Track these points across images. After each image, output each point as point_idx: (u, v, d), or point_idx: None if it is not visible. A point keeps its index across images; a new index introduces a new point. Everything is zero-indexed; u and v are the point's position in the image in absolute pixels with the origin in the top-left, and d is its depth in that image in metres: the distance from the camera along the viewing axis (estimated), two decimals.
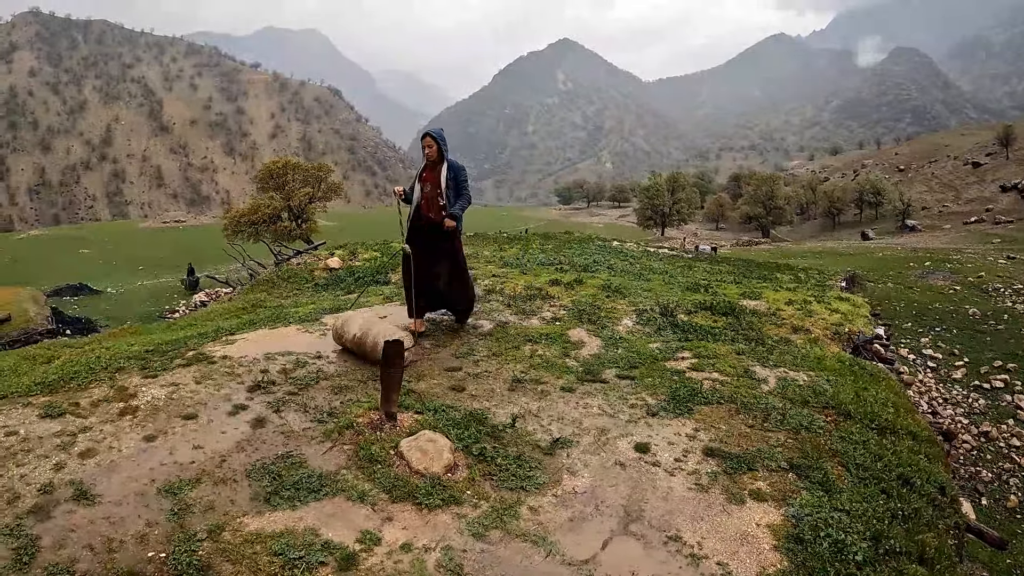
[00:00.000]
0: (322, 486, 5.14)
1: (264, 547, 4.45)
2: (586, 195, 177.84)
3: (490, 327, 9.44)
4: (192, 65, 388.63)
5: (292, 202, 40.25)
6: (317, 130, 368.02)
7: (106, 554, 4.43)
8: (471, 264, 14.26)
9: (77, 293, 40.87)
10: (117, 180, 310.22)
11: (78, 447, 5.70)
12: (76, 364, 8.07)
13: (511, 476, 5.35)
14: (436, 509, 4.90)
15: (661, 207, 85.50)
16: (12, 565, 4.30)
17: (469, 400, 6.71)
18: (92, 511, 4.85)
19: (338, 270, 15.10)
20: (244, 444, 5.79)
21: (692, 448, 5.89)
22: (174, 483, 5.18)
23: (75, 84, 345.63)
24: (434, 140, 8.74)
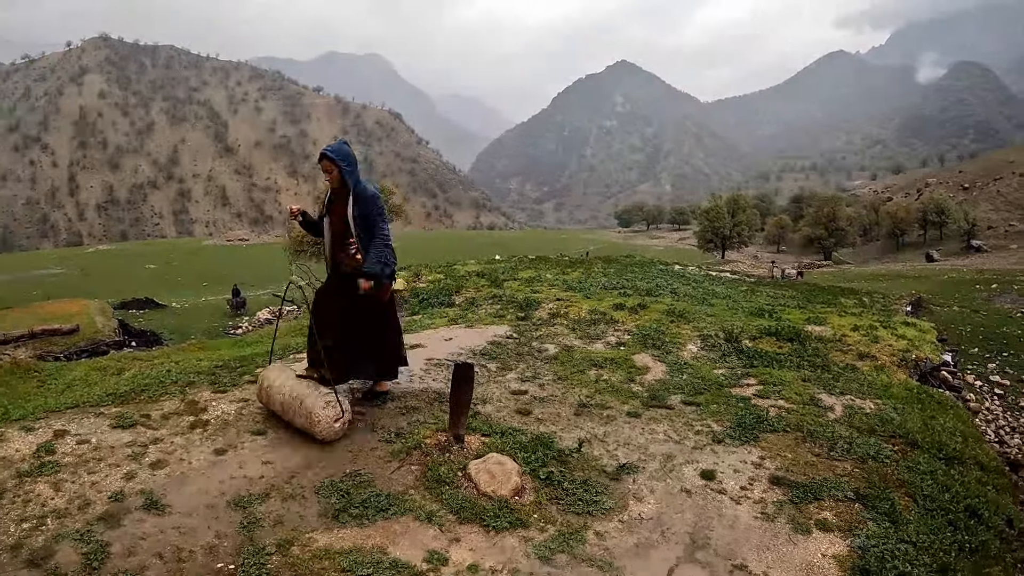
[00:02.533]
0: (390, 505, 5.18)
1: (332, 563, 4.50)
2: (646, 218, 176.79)
3: (555, 351, 9.46)
4: (256, 89, 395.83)
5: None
6: (378, 152, 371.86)
7: (175, 563, 4.52)
8: (535, 288, 14.32)
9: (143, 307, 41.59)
10: (183, 199, 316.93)
11: (149, 458, 5.86)
12: (147, 377, 8.32)
13: (577, 501, 5.33)
14: (503, 531, 4.90)
15: (721, 229, 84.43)
16: (81, 569, 4.39)
17: (536, 424, 6.72)
18: (162, 521, 4.96)
19: (402, 291, 15.22)
20: (313, 461, 5.87)
21: (758, 476, 5.85)
22: (244, 497, 5.28)
23: (143, 106, 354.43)
24: (333, 163, 6.68)
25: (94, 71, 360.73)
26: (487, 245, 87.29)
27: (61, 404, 7.36)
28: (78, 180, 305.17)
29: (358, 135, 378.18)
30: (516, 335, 10.43)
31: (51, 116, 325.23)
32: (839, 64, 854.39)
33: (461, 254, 40.51)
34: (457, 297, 14.18)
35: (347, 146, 6.97)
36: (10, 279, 71.85)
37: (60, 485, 5.38)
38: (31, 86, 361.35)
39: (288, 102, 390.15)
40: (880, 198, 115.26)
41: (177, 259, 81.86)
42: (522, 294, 13.62)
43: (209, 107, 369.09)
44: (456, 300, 14.02)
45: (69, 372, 9.83)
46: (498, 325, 11.22)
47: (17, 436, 6.26)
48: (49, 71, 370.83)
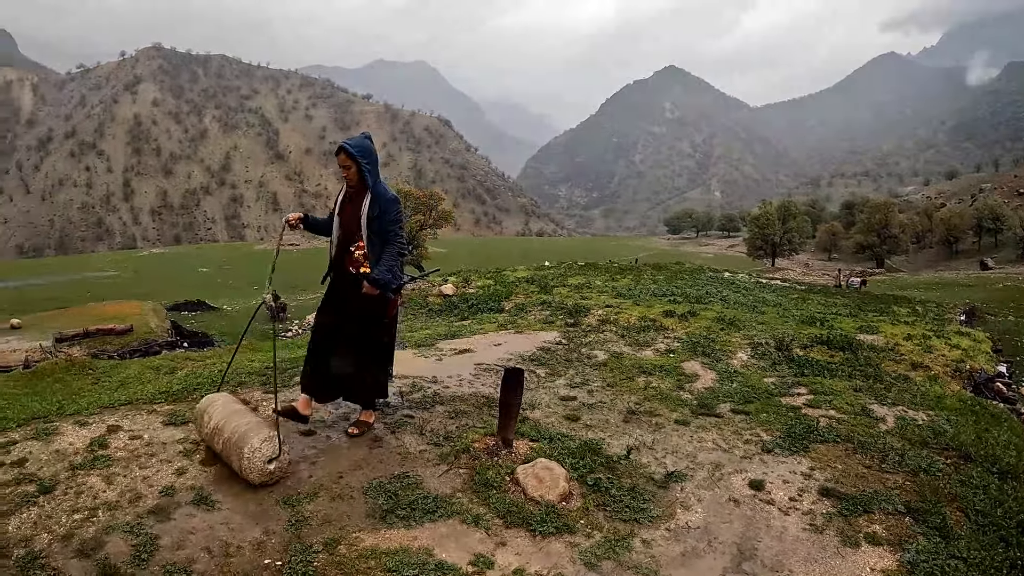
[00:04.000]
0: (437, 507, 5.20)
1: (379, 563, 4.53)
2: (695, 224, 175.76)
3: (604, 358, 9.46)
4: (307, 97, 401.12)
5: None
6: (427, 159, 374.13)
7: (223, 558, 4.59)
8: (585, 294, 14.31)
9: (195, 309, 42.34)
10: (235, 204, 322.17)
11: (200, 455, 5.95)
12: (199, 376, 8.51)
13: (625, 508, 5.30)
14: (549, 537, 4.89)
15: (772, 237, 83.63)
16: (131, 561, 4.48)
17: (584, 430, 6.70)
18: (211, 516, 5.04)
19: (452, 296, 15.32)
20: (361, 462, 5.92)
21: (807, 487, 5.78)
22: (292, 495, 5.34)
23: (196, 114, 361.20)
24: (351, 158, 6.14)
25: (148, 80, 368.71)
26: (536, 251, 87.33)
27: (115, 401, 7.53)
28: (133, 185, 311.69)
29: (407, 142, 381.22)
30: (565, 341, 10.44)
31: (106, 124, 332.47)
32: (889, 66, 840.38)
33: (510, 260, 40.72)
34: (507, 303, 14.25)
35: (369, 141, 6.41)
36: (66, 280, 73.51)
37: (112, 479, 5.51)
38: (86, 95, 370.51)
39: (338, 109, 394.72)
40: (933, 204, 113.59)
41: (229, 263, 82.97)
42: (571, 300, 13.66)
43: (260, 115, 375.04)
44: (506, 306, 14.09)
45: (123, 370, 10.01)
46: (547, 331, 11.25)
47: (71, 430, 6.43)
48: (104, 80, 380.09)
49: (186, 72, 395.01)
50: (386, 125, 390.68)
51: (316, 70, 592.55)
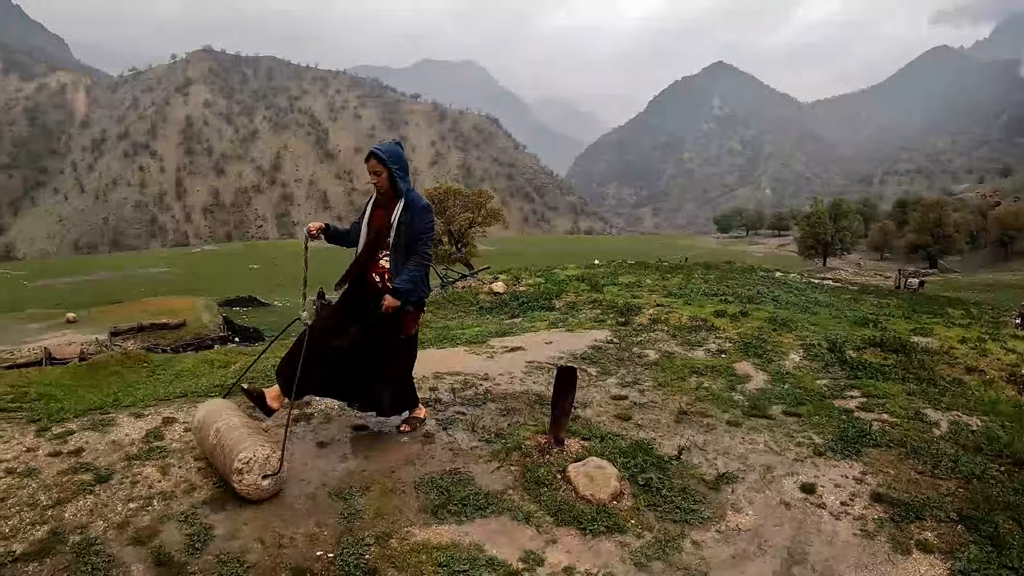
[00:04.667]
0: (488, 504, 5.22)
1: (429, 557, 4.56)
2: (745, 223, 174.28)
3: (656, 357, 9.43)
4: (356, 97, 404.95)
5: (452, 227, 41.03)
6: (476, 157, 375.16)
7: (276, 548, 4.65)
8: (635, 293, 14.27)
9: (247, 305, 43.08)
10: (285, 203, 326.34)
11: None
12: (253, 370, 8.59)
13: (675, 508, 5.26)
14: (600, 536, 4.88)
15: (823, 236, 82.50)
16: (185, 549, 4.56)
17: (635, 429, 6.68)
18: (265, 507, 5.12)
19: (503, 294, 15.34)
20: (413, 457, 5.97)
21: (859, 492, 5.69)
22: (345, 489, 5.40)
23: (246, 115, 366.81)
24: (382, 164, 5.90)
25: (198, 82, 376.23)
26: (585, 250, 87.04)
27: (170, 393, 7.74)
28: (185, 184, 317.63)
29: (456, 140, 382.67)
30: (616, 340, 10.41)
31: (158, 124, 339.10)
32: (940, 60, 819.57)
33: (559, 258, 40.65)
34: (557, 301, 14.25)
35: (400, 147, 6.16)
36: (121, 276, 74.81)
37: (167, 469, 5.64)
38: (139, 97, 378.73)
39: (386, 109, 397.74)
40: (988, 202, 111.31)
41: (279, 260, 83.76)
42: (622, 299, 13.62)
43: (310, 115, 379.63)
44: (556, 304, 14.10)
45: (178, 364, 10.25)
46: (598, 330, 11.23)
47: (127, 422, 6.60)
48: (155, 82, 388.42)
49: (236, 74, 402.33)
50: (434, 124, 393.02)
51: (364, 70, 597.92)
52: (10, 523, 4.84)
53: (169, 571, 4.39)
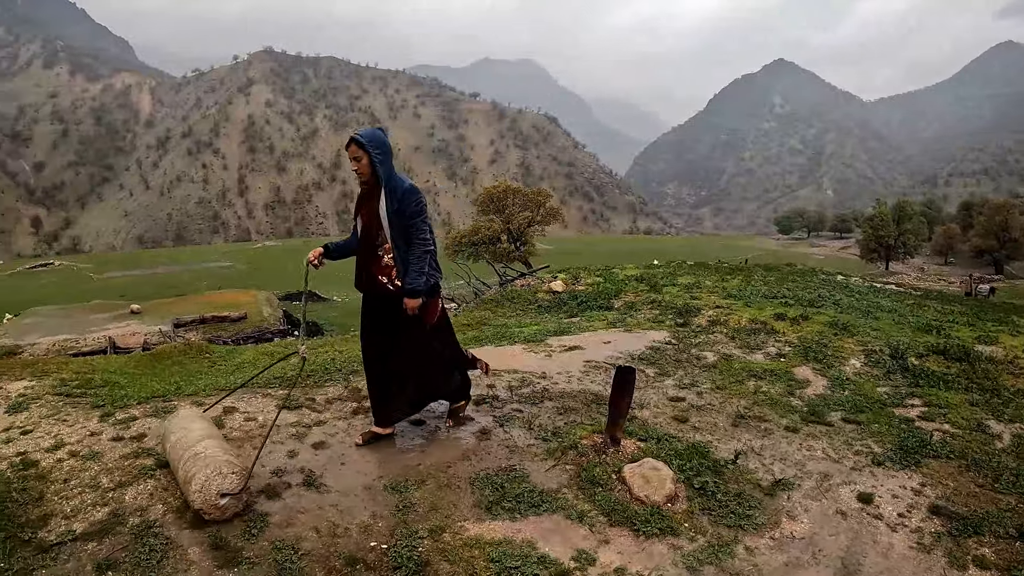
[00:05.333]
0: (542, 502, 5.24)
1: (482, 552, 4.59)
2: (806, 224, 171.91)
3: (714, 359, 9.36)
4: (415, 96, 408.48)
5: (511, 225, 41.08)
6: (535, 156, 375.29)
7: (330, 538, 4.73)
8: (694, 294, 14.13)
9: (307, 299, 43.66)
10: (346, 199, 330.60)
11: (311, 438, 6.18)
12: (311, 364, 8.77)
13: (730, 513, 5.21)
14: (652, 538, 4.86)
15: (886, 239, 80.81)
16: (241, 535, 4.68)
17: (692, 432, 6.64)
18: (320, 498, 5.21)
19: (561, 293, 15.31)
20: (469, 453, 6.02)
21: (917, 504, 5.56)
22: (401, 482, 5.46)
23: (307, 114, 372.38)
24: (362, 148, 5.54)
25: (260, 82, 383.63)
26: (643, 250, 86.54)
27: (230, 383, 7.90)
28: (247, 181, 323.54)
29: (515, 139, 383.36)
30: (675, 341, 10.35)
31: (221, 123, 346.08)
32: (1008, 56, 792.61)
33: (617, 258, 40.57)
34: (616, 301, 14.20)
35: (382, 132, 5.81)
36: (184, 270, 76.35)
37: None
38: (202, 97, 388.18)
39: (446, 108, 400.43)
40: None
41: None
42: (681, 300, 13.54)
43: (370, 113, 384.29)
44: (615, 304, 14.04)
45: (238, 355, 10.45)
46: (657, 330, 11.17)
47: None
48: (218, 83, 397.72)
49: (297, 74, 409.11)
50: (493, 123, 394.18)
51: (423, 70, 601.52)
52: (72, 503, 5.02)
53: (225, 555, 4.50)
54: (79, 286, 63.71)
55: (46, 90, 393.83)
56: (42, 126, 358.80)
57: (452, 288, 38.50)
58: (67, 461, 5.63)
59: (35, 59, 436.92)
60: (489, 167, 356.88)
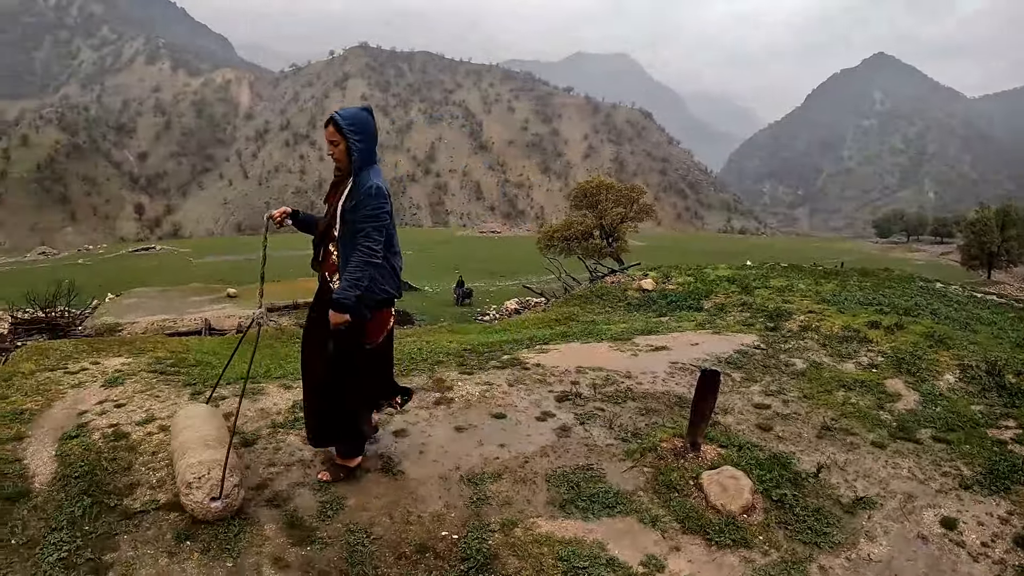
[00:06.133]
0: (617, 503, 5.24)
1: (551, 550, 4.63)
2: (906, 228, 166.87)
3: (803, 367, 9.16)
4: (508, 90, 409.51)
5: (604, 221, 40.75)
6: (629, 151, 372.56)
7: (403, 524, 4.87)
8: (787, 298, 13.79)
9: None
10: (439, 192, 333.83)
11: (392, 426, 6.34)
12: (399, 353, 8.85)
13: (807, 529, 5.11)
14: (725, 548, 4.81)
15: (989, 246, 77.66)
16: (316, 515, 4.88)
17: (775, 441, 6.53)
18: (397, 484, 5.36)
19: (651, 291, 15.19)
20: (547, 450, 6.07)
21: (1002, 533, 5.34)
22: (477, 474, 5.57)
23: (402, 107, 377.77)
24: (339, 132, 4.91)
25: (356, 76, 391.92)
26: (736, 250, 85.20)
27: None
28: None
29: (608, 134, 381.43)
30: (764, 346, 10.17)
31: (318, 117, 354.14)
32: None
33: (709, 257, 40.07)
34: (706, 302, 14.03)
35: (367, 114, 5.10)
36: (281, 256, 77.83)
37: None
38: (299, 91, 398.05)
39: (539, 102, 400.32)
40: None
41: (432, 247, 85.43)
42: (772, 303, 13.28)
43: (464, 107, 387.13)
44: (705, 304, 13.88)
45: None
46: (746, 334, 10.99)
47: (276, 392, 7.06)
48: (315, 77, 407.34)
49: (391, 68, 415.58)
50: (587, 118, 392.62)
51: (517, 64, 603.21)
52: (158, 475, 5.30)
53: (300, 533, 4.69)
54: (178, 270, 65.57)
55: (149, 85, 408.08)
56: (145, 119, 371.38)
57: (543, 283, 38.55)
58: (156, 435, 5.94)
59: (138, 56, 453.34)
60: (583, 162, 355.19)
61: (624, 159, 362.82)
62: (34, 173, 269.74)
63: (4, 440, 5.90)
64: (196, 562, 4.45)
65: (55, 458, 5.61)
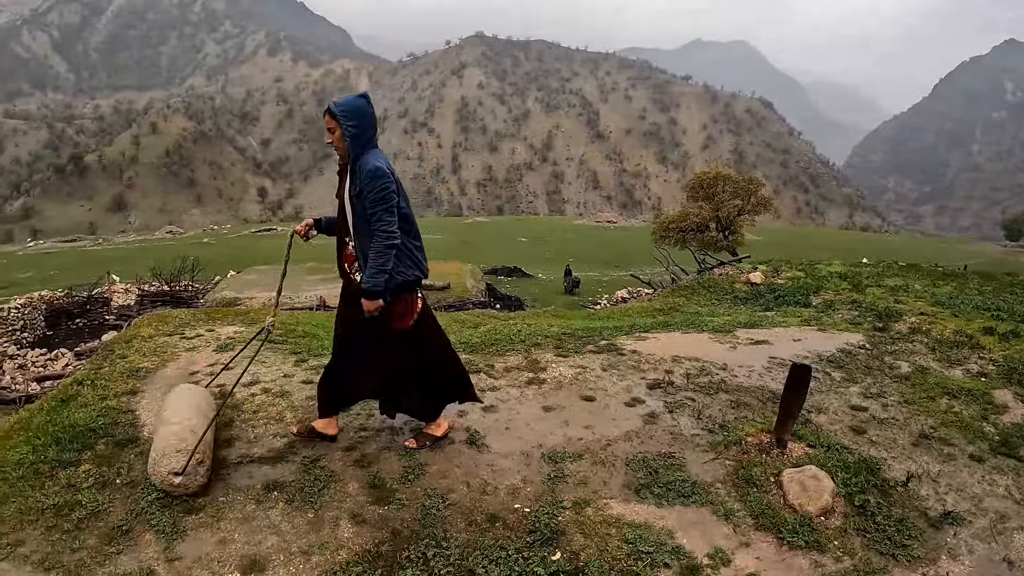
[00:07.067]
0: (693, 493, 5.26)
1: (618, 532, 4.71)
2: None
3: (908, 370, 8.82)
4: (625, 78, 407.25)
5: (721, 213, 40.18)
6: (748, 142, 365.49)
7: (479, 494, 5.10)
8: (899, 298, 13.24)
9: (511, 274, 44.64)
10: (556, 180, 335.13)
11: (482, 402, 6.47)
12: (498, 333, 9.28)
13: (886, 539, 4.90)
14: (796, 549, 4.72)
15: None
16: (399, 478, 5.19)
17: (867, 446, 6.32)
18: (478, 456, 5.60)
19: (759, 285, 14.97)
20: (632, 434, 6.15)
21: None
22: (558, 453, 5.72)
23: (519, 96, 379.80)
24: (335, 120, 4.97)
25: (472, 65, 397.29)
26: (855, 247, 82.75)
27: None
28: (460, 160, 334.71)
29: (727, 124, 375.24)
30: (869, 346, 9.85)
31: (435, 105, 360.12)
32: None
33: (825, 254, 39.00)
34: (814, 298, 13.70)
35: (363, 100, 5.14)
36: None
37: None
38: (417, 80, 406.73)
39: (656, 91, 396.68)
40: None
41: (547, 235, 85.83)
42: (883, 303, 12.82)
43: (581, 96, 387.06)
44: (813, 301, 13.56)
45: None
46: (852, 332, 10.68)
47: None
48: (432, 67, 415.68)
49: (508, 57, 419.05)
50: (706, 107, 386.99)
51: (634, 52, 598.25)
52: (255, 431, 5.87)
53: (380, 493, 5.02)
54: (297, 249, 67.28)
55: (271, 75, 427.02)
56: (268, 107, 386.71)
57: (653, 274, 38.34)
58: (259, 396, 6.54)
59: (260, 48, 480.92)
60: (701, 152, 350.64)
61: (743, 150, 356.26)
62: (163, 158, 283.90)
63: (120, 393, 6.65)
64: (280, 511, 4.92)
65: None
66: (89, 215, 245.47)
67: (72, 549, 4.51)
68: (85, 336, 24.57)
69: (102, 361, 7.81)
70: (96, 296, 28.79)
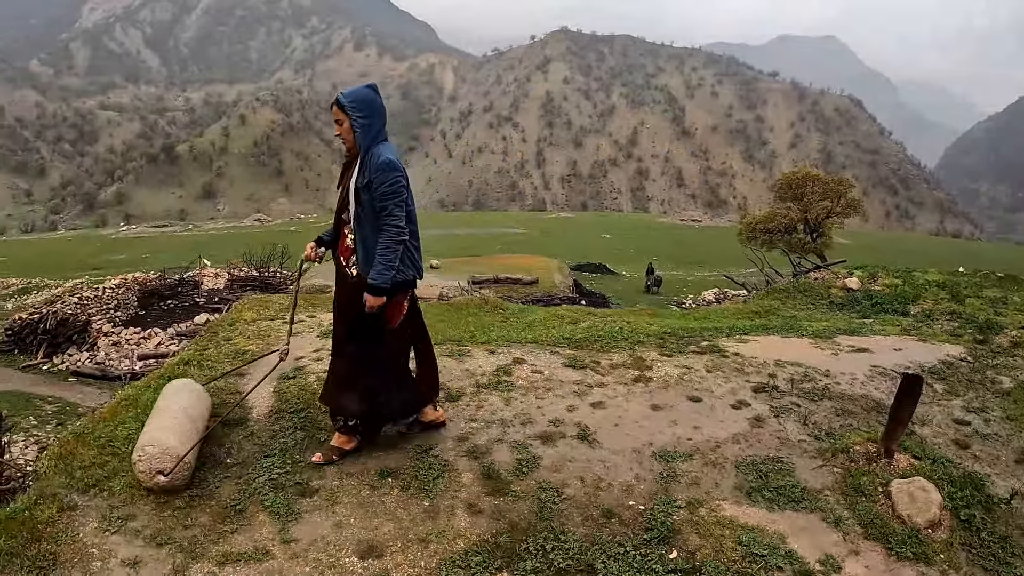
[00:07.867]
0: (802, 498, 5.27)
1: (732, 533, 4.77)
2: None
3: (1010, 386, 8.62)
4: (712, 74, 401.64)
5: (809, 215, 39.54)
6: (837, 142, 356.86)
7: (593, 489, 5.20)
8: (1000, 310, 12.92)
9: (596, 271, 44.95)
10: (640, 177, 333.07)
11: (591, 397, 6.71)
12: (600, 330, 9.33)
13: (990, 555, 4.88)
14: (904, 560, 4.72)
15: None
16: (512, 471, 5.32)
17: (971, 460, 6.26)
18: (590, 452, 5.70)
19: (856, 291, 14.77)
20: (739, 437, 6.17)
21: None
22: (669, 452, 5.78)
23: (604, 91, 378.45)
24: (342, 111, 4.95)
25: (557, 60, 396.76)
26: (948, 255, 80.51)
27: (521, 338, 8.63)
28: (544, 154, 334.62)
29: (815, 122, 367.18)
30: (971, 359, 9.61)
31: (520, 99, 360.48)
32: None
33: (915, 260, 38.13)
34: (912, 307, 13.46)
35: (372, 91, 5.08)
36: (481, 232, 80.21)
37: (510, 401, 6.53)
38: (501, 74, 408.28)
39: (743, 87, 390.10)
40: None
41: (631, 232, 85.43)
42: (984, 315, 12.48)
43: (666, 92, 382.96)
44: (911, 310, 13.34)
45: (530, 314, 11.09)
46: (952, 344, 10.42)
47: (481, 355, 7.65)
48: (517, 61, 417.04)
49: (592, 52, 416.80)
50: (793, 104, 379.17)
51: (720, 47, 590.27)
52: None
53: (494, 484, 5.17)
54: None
55: (357, 70, 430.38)
56: None
57: (744, 275, 37.99)
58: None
59: (346, 43, 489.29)
60: (788, 151, 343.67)
61: (832, 150, 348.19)
62: (251, 149, 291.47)
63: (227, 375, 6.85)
64: (395, 497, 5.05)
65: (273, 394, 6.54)
66: (180, 202, 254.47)
67: (184, 526, 4.67)
68: (177, 316, 25.51)
69: (207, 342, 8.17)
70: (187, 279, 29.83)
